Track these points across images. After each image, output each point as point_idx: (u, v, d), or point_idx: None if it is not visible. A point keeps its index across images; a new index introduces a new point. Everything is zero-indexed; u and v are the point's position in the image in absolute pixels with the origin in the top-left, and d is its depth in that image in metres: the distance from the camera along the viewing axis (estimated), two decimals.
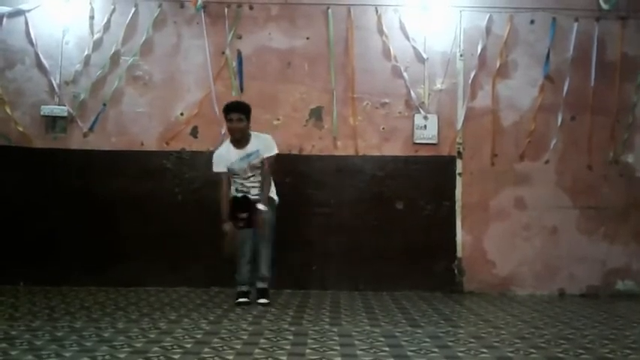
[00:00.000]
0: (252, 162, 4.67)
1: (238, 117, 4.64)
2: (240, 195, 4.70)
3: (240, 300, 4.63)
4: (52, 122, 5.47)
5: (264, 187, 4.68)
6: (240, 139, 4.68)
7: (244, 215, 4.60)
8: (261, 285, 4.75)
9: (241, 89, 5.51)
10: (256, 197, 4.66)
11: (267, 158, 4.70)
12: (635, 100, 5.56)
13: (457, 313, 4.48)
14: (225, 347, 3.16)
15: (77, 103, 5.49)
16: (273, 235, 4.73)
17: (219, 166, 4.70)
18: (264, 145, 4.72)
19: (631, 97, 5.57)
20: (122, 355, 2.94)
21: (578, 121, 5.56)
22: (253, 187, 4.70)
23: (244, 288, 4.74)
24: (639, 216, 5.54)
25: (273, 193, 4.81)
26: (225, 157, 4.70)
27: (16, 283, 5.22)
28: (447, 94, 5.58)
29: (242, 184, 4.71)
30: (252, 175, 4.71)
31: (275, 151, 4.75)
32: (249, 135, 4.71)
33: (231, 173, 4.71)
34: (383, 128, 5.56)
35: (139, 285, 5.28)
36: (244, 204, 4.64)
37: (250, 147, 4.68)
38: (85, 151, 5.47)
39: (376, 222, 5.48)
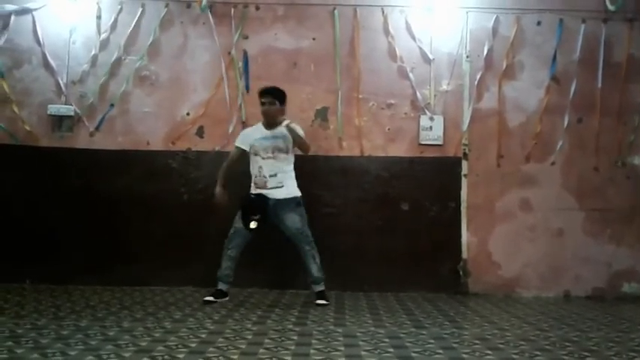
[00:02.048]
0: (277, 143, 4.73)
1: (270, 100, 4.77)
2: (254, 194, 4.71)
3: (207, 298, 4.62)
4: (59, 121, 5.49)
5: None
6: (271, 123, 4.78)
7: (257, 217, 4.59)
8: (316, 288, 4.76)
9: (247, 89, 5.52)
10: (274, 198, 4.67)
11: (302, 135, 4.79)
12: None
13: (462, 314, 4.47)
14: (229, 347, 3.17)
15: (84, 102, 5.51)
16: (309, 232, 4.77)
17: (239, 141, 4.89)
18: (297, 127, 4.78)
19: (638, 99, 5.55)
20: (127, 354, 2.95)
21: (585, 122, 5.54)
22: (271, 174, 4.70)
23: (223, 287, 4.74)
24: None
25: (297, 189, 4.80)
26: (251, 134, 4.86)
27: (22, 281, 5.24)
28: (453, 95, 5.57)
29: (260, 167, 4.73)
30: (273, 158, 4.72)
31: (303, 133, 4.82)
32: (282, 120, 4.73)
33: (253, 152, 4.77)
34: (388, 129, 5.56)
35: (145, 284, 5.29)
36: (259, 206, 4.63)
37: (280, 130, 4.73)
38: (92, 151, 5.49)
39: (381, 223, 5.48)
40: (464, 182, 5.52)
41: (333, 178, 5.51)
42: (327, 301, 4.69)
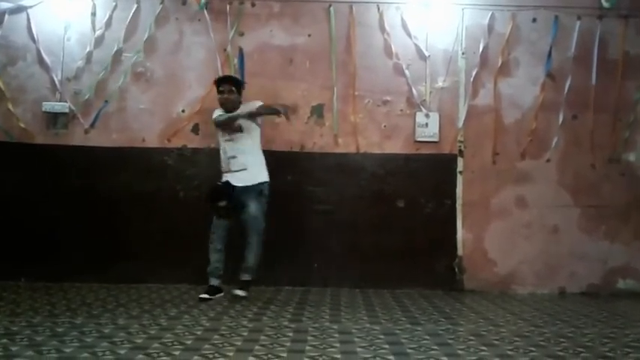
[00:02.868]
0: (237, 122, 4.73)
1: (229, 89, 4.78)
2: (221, 182, 4.72)
3: (202, 295, 4.62)
4: (54, 119, 5.48)
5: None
6: (231, 110, 4.79)
7: (223, 204, 4.59)
8: (244, 277, 4.73)
9: (243, 86, 5.50)
10: (238, 185, 4.66)
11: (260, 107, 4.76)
12: (637, 99, 5.55)
13: (457, 310, 4.48)
14: (225, 344, 3.16)
15: (79, 99, 5.49)
16: (264, 224, 4.73)
17: (218, 112, 4.84)
18: (250, 105, 4.80)
19: (632, 96, 5.56)
20: (122, 352, 2.95)
21: (580, 119, 5.56)
22: (231, 156, 4.72)
23: (215, 282, 4.73)
24: None
25: (264, 173, 4.79)
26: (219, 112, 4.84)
27: (17, 279, 5.23)
28: (449, 92, 5.57)
29: (224, 149, 4.78)
30: (231, 140, 4.74)
31: (259, 103, 4.80)
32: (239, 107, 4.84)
33: (219, 135, 4.82)
34: (384, 126, 5.56)
35: (140, 282, 5.28)
36: (225, 192, 4.64)
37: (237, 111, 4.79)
38: (87, 148, 5.48)
39: (377, 220, 5.48)
40: (459, 179, 5.53)
41: (329, 175, 5.51)
42: (247, 292, 4.66)
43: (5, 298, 4.46)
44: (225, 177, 4.76)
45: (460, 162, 5.54)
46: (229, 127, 4.75)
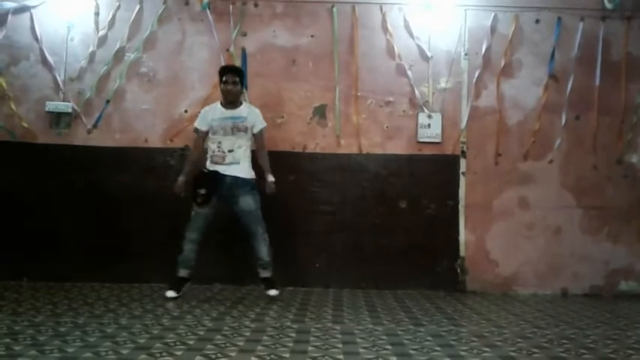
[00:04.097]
0: (237, 123, 4.73)
1: (233, 79, 4.77)
2: (206, 170, 4.70)
3: (169, 294, 4.61)
4: (57, 118, 5.48)
5: (264, 162, 4.83)
6: (233, 102, 4.79)
7: (202, 191, 4.57)
8: (264, 274, 4.73)
9: (245, 87, 5.51)
10: (230, 175, 4.65)
11: (260, 132, 4.84)
12: None
13: (460, 312, 4.48)
14: (227, 344, 3.17)
15: (82, 99, 5.50)
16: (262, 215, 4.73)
17: (200, 122, 4.84)
18: (255, 115, 4.83)
19: (636, 98, 5.56)
20: (125, 351, 2.95)
21: (583, 120, 5.55)
22: (230, 149, 4.69)
23: (183, 273, 4.72)
24: None
25: (251, 170, 4.78)
26: (210, 114, 4.81)
27: (20, 278, 5.23)
28: (452, 93, 5.57)
29: (220, 142, 4.72)
30: (233, 136, 4.72)
31: (264, 123, 4.88)
32: (242, 102, 4.86)
33: (212, 132, 4.77)
34: (387, 127, 5.56)
35: (143, 281, 5.29)
36: (205, 180, 4.62)
37: (239, 111, 4.78)
38: (89, 148, 5.48)
39: (379, 220, 5.48)
40: (462, 180, 5.53)
41: (331, 176, 5.51)
42: (277, 290, 4.68)
43: (7, 297, 4.46)
44: (214, 167, 4.71)
45: (462, 163, 5.53)
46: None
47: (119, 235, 5.39)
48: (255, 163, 4.85)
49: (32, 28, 5.50)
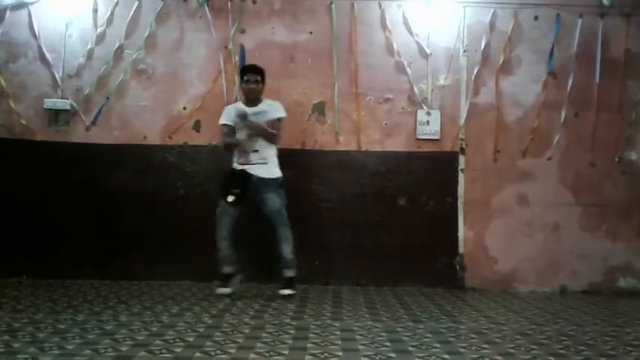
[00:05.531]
0: (259, 119, 4.71)
1: (255, 78, 4.80)
2: (238, 168, 4.69)
3: (220, 291, 4.62)
4: (55, 115, 5.47)
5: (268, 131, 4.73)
6: (254, 100, 4.82)
7: (237, 191, 4.57)
8: (287, 273, 4.73)
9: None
10: (257, 175, 4.65)
11: (278, 119, 4.81)
12: (639, 97, 5.54)
13: (459, 309, 4.49)
14: (227, 341, 3.17)
15: (80, 96, 5.49)
16: (287, 214, 4.72)
17: (224, 118, 4.83)
18: (273, 107, 4.83)
19: (635, 94, 5.56)
20: (124, 348, 2.95)
21: (582, 117, 5.55)
22: (254, 149, 4.69)
23: (227, 269, 4.71)
24: None
25: (277, 168, 4.78)
26: (232, 112, 4.80)
27: (19, 276, 5.23)
28: (450, 90, 5.57)
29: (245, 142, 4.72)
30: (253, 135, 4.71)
31: (284, 114, 4.86)
32: (262, 99, 4.86)
33: (236, 132, 4.76)
34: (385, 124, 5.56)
35: (142, 279, 5.28)
36: (240, 180, 4.62)
37: (260, 107, 4.80)
38: (88, 145, 5.47)
39: (378, 217, 5.48)
40: (461, 177, 5.53)
41: (330, 173, 5.51)
42: (294, 290, 4.69)
43: (7, 294, 4.46)
44: (241, 167, 4.71)
45: (461, 160, 5.54)
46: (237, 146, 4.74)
47: (118, 232, 5.38)
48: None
49: (30, 24, 5.49)
